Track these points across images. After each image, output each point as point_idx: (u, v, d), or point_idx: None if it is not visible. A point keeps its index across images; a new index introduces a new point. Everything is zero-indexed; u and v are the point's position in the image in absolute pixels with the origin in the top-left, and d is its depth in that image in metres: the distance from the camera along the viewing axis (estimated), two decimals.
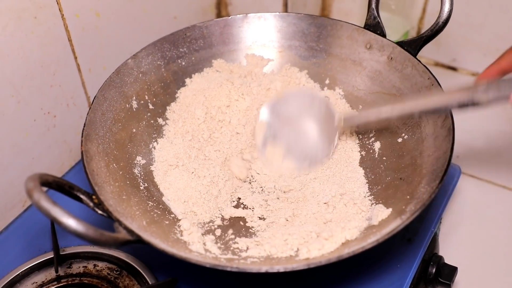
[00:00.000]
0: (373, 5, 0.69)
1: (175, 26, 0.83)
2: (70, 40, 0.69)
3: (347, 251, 0.51)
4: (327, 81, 0.74)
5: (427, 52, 1.02)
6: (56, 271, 0.61)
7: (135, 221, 0.55)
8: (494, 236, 0.78)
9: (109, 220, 0.53)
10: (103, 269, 0.62)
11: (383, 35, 0.69)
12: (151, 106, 0.70)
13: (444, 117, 0.59)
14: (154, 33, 0.74)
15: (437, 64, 1.03)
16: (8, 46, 0.62)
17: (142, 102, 0.69)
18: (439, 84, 0.62)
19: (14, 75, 0.64)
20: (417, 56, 0.66)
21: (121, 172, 0.62)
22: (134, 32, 0.79)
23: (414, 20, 1.00)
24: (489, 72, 0.58)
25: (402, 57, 0.67)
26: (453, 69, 1.03)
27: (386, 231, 0.53)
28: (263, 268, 0.50)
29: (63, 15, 0.67)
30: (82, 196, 0.53)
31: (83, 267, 0.63)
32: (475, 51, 0.99)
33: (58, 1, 0.65)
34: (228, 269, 0.49)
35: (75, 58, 0.71)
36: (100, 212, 0.53)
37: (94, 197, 0.54)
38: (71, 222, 0.45)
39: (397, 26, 0.97)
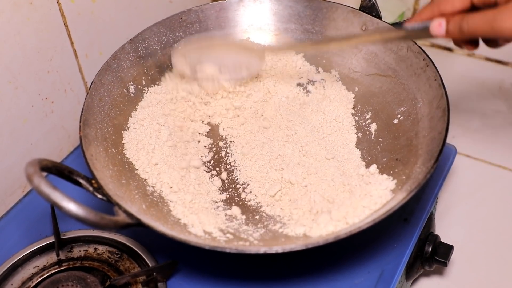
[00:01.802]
0: None
1: (171, 11, 0.82)
2: (66, 25, 0.69)
3: (344, 232, 0.51)
4: (323, 63, 0.74)
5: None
6: (57, 255, 0.62)
7: (134, 204, 0.56)
8: (490, 215, 0.79)
9: (108, 205, 0.54)
10: (104, 252, 0.63)
11: (378, 16, 0.70)
12: (148, 90, 0.70)
13: (440, 97, 0.60)
14: (150, 18, 0.74)
15: (433, 45, 1.03)
16: (4, 32, 0.62)
17: (139, 86, 0.70)
18: (434, 65, 0.63)
19: (12, 61, 0.64)
20: None
21: (119, 157, 0.63)
22: (129, 17, 0.79)
23: (409, 1, 1.00)
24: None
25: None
26: (449, 49, 1.03)
27: (382, 211, 0.54)
28: (262, 249, 0.50)
29: (58, 0, 0.67)
30: (81, 181, 0.54)
31: (83, 250, 0.63)
32: None
33: None
34: (227, 250, 0.50)
35: (72, 43, 0.71)
36: (99, 196, 0.54)
37: (93, 181, 0.55)
38: (71, 206, 0.46)
39: (392, 8, 0.97)
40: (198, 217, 0.57)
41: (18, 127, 0.69)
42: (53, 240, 0.63)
